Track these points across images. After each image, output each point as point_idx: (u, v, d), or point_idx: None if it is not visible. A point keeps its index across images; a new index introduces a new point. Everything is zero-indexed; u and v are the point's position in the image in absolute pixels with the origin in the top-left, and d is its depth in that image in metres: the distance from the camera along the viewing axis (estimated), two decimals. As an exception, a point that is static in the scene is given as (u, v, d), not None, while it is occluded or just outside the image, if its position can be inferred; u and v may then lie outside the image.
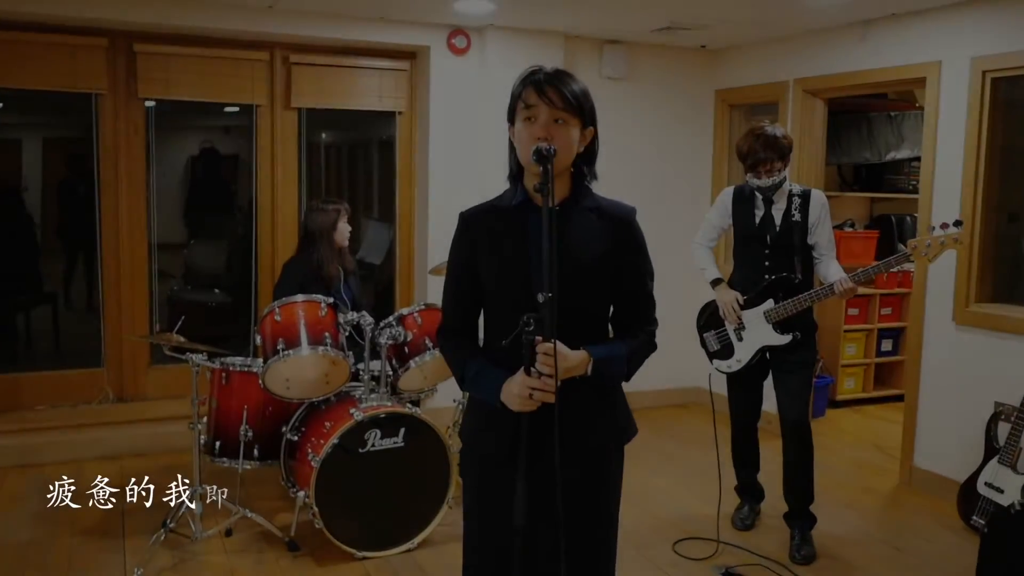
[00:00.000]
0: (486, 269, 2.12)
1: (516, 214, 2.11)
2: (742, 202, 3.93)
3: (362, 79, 5.62)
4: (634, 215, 2.18)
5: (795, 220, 3.80)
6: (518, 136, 2.07)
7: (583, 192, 2.15)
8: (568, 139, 2.04)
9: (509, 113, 2.13)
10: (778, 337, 3.83)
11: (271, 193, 5.55)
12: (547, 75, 2.06)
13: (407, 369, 3.98)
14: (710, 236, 4.10)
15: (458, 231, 2.18)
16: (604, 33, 5.69)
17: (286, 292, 4.29)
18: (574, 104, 2.04)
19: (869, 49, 4.97)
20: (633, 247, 2.15)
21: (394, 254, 5.96)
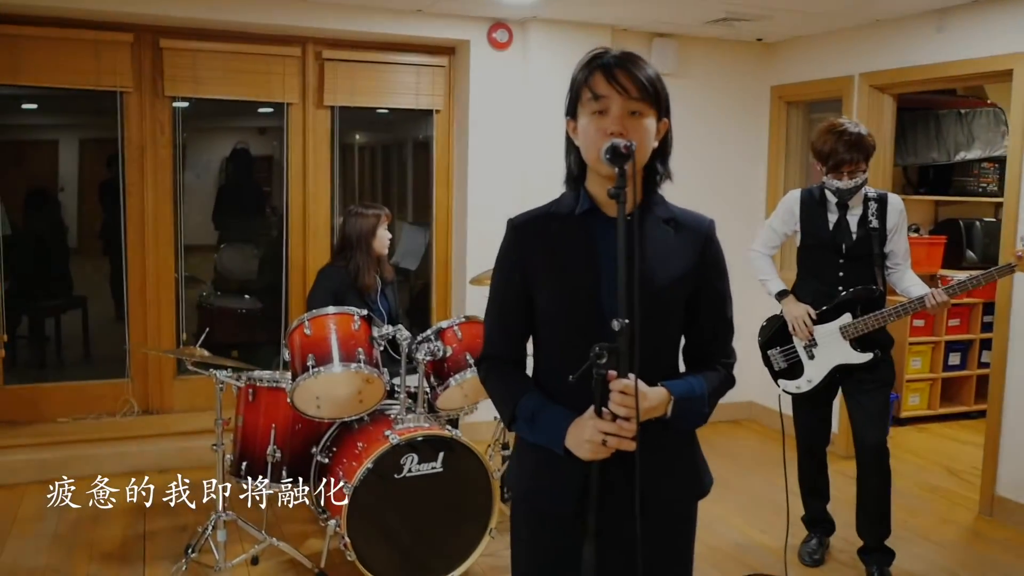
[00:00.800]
0: (544, 289, 1.80)
1: (580, 224, 1.80)
2: (812, 207, 3.58)
3: (398, 76, 5.34)
4: (715, 229, 1.85)
5: (872, 227, 3.47)
6: (583, 132, 1.75)
7: (656, 198, 1.83)
8: (645, 134, 1.73)
9: (569, 106, 1.82)
10: (857, 355, 3.49)
11: (303, 195, 5.29)
12: (617, 59, 1.74)
13: (447, 387, 3.68)
14: (771, 244, 3.75)
15: (506, 242, 1.87)
16: (654, 26, 5.36)
17: (319, 302, 4.04)
18: (651, 92, 1.72)
19: (946, 40, 4.58)
20: (714, 267, 1.84)
21: (430, 260, 5.67)
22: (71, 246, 5.52)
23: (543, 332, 1.85)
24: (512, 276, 1.84)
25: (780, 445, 3.82)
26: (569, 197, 1.85)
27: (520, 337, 1.89)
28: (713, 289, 1.84)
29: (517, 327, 1.87)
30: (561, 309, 1.78)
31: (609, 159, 1.64)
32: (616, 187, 1.61)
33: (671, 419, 1.74)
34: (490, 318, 1.91)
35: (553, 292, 1.79)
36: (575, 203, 1.82)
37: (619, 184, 1.61)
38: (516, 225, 1.86)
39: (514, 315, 1.86)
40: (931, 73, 4.69)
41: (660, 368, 1.78)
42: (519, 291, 1.83)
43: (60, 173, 5.44)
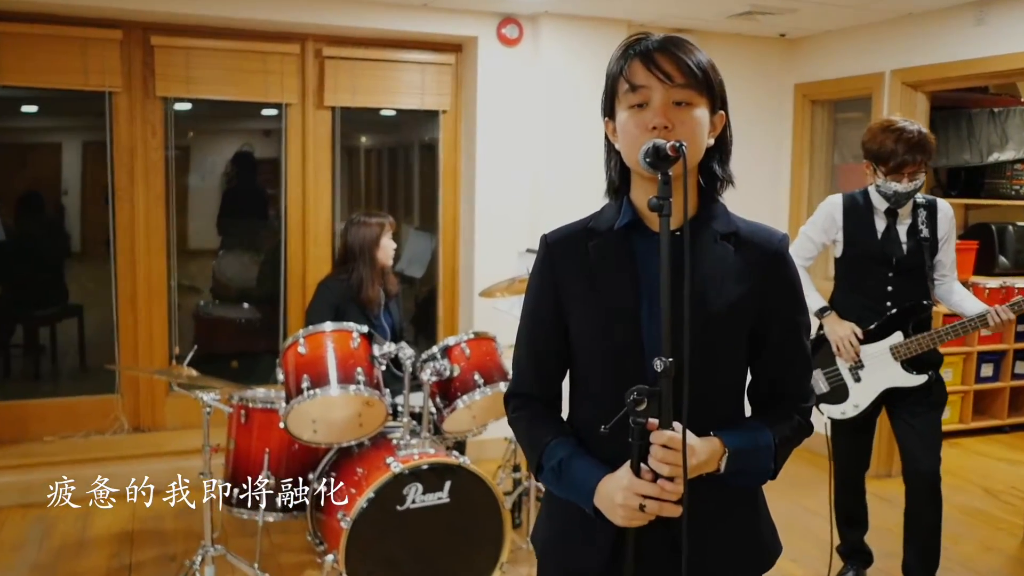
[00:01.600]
0: (579, 318, 1.54)
1: (621, 240, 1.53)
2: (857, 214, 3.26)
3: (402, 74, 5.07)
4: (788, 245, 1.57)
5: (923, 236, 3.17)
6: (623, 130, 1.48)
7: (715, 208, 1.55)
8: (696, 127, 1.45)
9: (605, 103, 1.55)
10: (910, 377, 3.20)
11: (302, 200, 5.02)
12: (658, 43, 1.47)
13: (454, 409, 3.40)
14: (808, 254, 3.43)
15: (538, 261, 1.61)
16: (672, 21, 5.08)
17: (319, 315, 3.78)
18: (700, 78, 1.45)
19: (987, 33, 4.29)
20: (786, 290, 1.56)
21: (436, 269, 5.40)
22: (69, 252, 5.26)
23: (577, 367, 1.59)
24: (544, 301, 1.58)
25: (812, 466, 3.55)
26: (610, 209, 1.59)
27: (554, 372, 1.63)
28: (783, 317, 1.56)
29: (550, 360, 1.61)
30: (595, 340, 1.52)
31: (650, 162, 1.37)
32: (659, 196, 1.34)
33: (726, 475, 1.46)
34: (520, 349, 1.65)
35: (587, 320, 1.52)
36: (616, 217, 1.55)
37: (662, 193, 1.34)
38: (550, 242, 1.60)
39: (547, 346, 1.60)
40: (970, 69, 4.40)
41: (716, 414, 1.50)
42: (553, 318, 1.58)
43: (58, 177, 5.18)
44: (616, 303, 1.49)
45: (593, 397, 1.55)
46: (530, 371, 1.63)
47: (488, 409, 3.52)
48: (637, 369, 1.45)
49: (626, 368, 1.46)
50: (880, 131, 3.11)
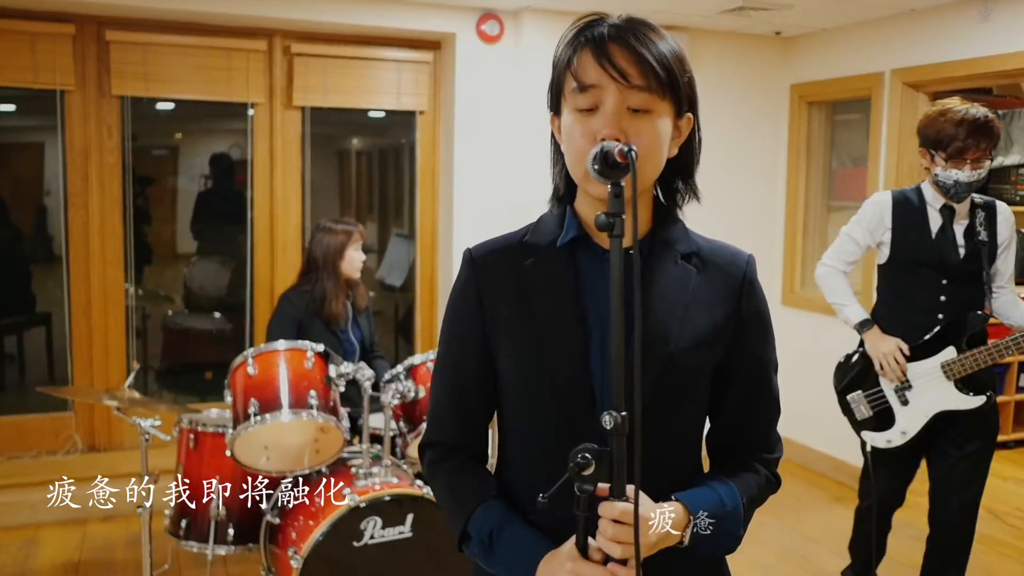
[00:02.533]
0: (511, 353, 1.28)
1: (563, 260, 1.27)
2: (908, 213, 2.91)
3: (377, 73, 4.81)
4: (755, 268, 1.32)
5: (981, 239, 2.83)
6: (568, 135, 1.24)
7: (673, 226, 1.30)
8: (655, 139, 1.20)
9: (551, 97, 1.30)
10: (965, 399, 2.85)
11: (269, 206, 4.75)
12: (615, 29, 1.21)
13: (419, 435, 3.13)
14: (849, 258, 3.07)
15: (461, 281, 1.35)
16: (661, 17, 4.80)
17: (280, 330, 3.55)
18: (662, 77, 1.19)
19: (993, 30, 4.04)
20: (755, 322, 1.31)
21: (414, 279, 5.13)
22: (38, 258, 4.99)
23: (507, 412, 1.32)
24: (468, 330, 1.32)
25: (808, 484, 3.26)
26: (551, 221, 1.33)
27: (479, 417, 1.37)
28: (752, 355, 1.31)
29: (475, 403, 1.35)
30: (532, 382, 1.26)
31: (598, 170, 1.11)
32: (609, 212, 1.08)
33: (689, 547, 1.21)
34: (437, 389, 1.39)
35: (522, 356, 1.26)
36: (558, 230, 1.29)
37: (612, 208, 1.08)
38: (475, 257, 1.33)
39: (471, 386, 1.34)
40: (975, 68, 4.14)
41: (674, 470, 1.26)
42: (478, 352, 1.31)
43: (31, 178, 4.91)
44: (559, 336, 1.24)
45: (528, 451, 1.29)
46: (450, 415, 1.36)
47: (457, 433, 3.25)
48: (584, 418, 1.20)
49: (570, 417, 1.21)
50: (938, 115, 2.80)
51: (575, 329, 1.23)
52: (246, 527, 3.19)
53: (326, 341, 3.59)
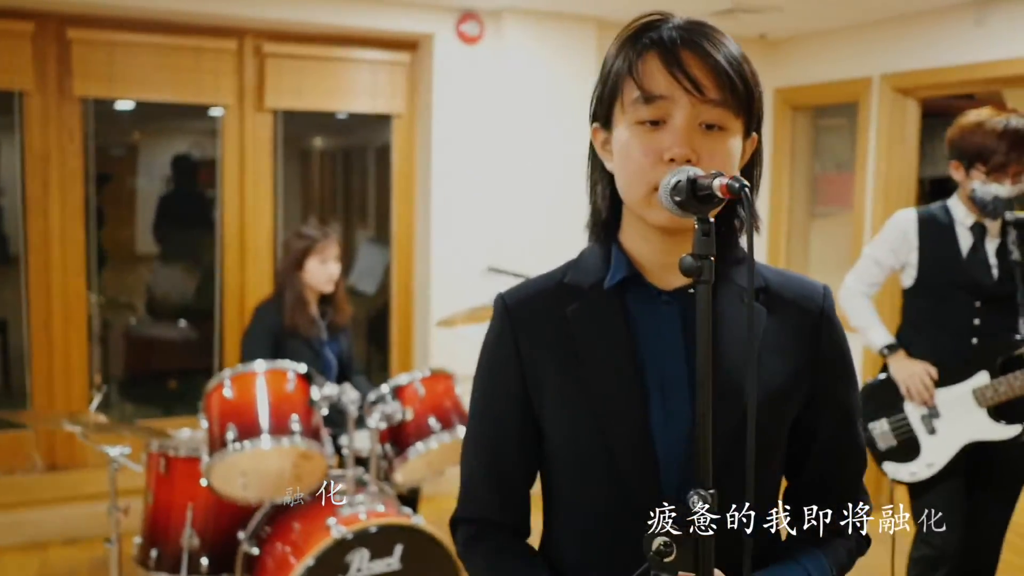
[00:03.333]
0: (556, 415, 1.13)
1: (611, 305, 1.12)
2: (936, 231, 2.74)
3: (352, 74, 4.62)
4: (832, 300, 1.18)
5: (1015, 259, 2.65)
6: (625, 154, 1.08)
7: (736, 259, 1.15)
8: (728, 160, 1.07)
9: (598, 105, 1.14)
10: (999, 428, 2.66)
11: (239, 212, 4.54)
12: (684, 32, 1.06)
13: (406, 459, 2.97)
14: (873, 280, 2.88)
15: (494, 333, 1.19)
16: (646, 19, 4.69)
17: (256, 343, 3.39)
18: (741, 91, 1.05)
19: (986, 36, 3.96)
20: (840, 367, 1.17)
21: (389, 287, 4.95)
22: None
23: (554, 483, 1.17)
24: (505, 390, 1.16)
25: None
26: (593, 257, 1.17)
27: (521, 490, 1.21)
28: (836, 402, 1.17)
29: (515, 472, 1.19)
30: (583, 450, 1.10)
31: (680, 202, 0.96)
32: (696, 254, 0.93)
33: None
34: (471, 457, 1.22)
35: (570, 422, 1.11)
36: (604, 268, 1.14)
37: (700, 249, 0.94)
38: (510, 305, 1.17)
39: (510, 453, 1.18)
40: (968, 74, 4.07)
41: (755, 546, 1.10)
42: (518, 415, 1.16)
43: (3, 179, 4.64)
44: (614, 396, 1.09)
45: (581, 527, 1.14)
46: (488, 487, 1.21)
47: (446, 456, 3.10)
48: (647, 489, 1.05)
49: (630, 488, 1.06)
50: (975, 126, 2.63)
51: (632, 387, 1.09)
52: (221, 557, 3.00)
53: (305, 356, 3.42)
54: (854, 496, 1.20)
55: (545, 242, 4.55)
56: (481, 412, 1.21)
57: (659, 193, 1.01)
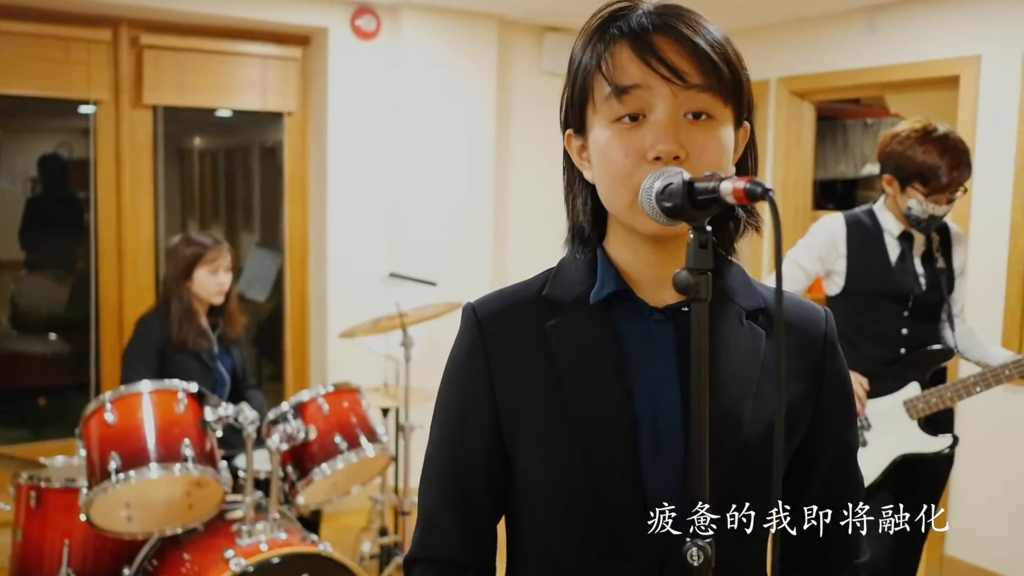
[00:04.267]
0: (532, 446, 1.00)
1: (597, 321, 1.00)
2: (864, 239, 2.65)
3: (240, 69, 4.35)
4: (834, 325, 1.08)
5: (940, 267, 2.63)
6: (602, 156, 0.96)
7: (730, 272, 1.04)
8: (720, 152, 0.95)
9: (571, 112, 1.01)
10: (929, 440, 2.61)
11: (116, 214, 4.21)
12: (654, 16, 0.95)
13: (310, 482, 2.77)
14: (798, 288, 2.73)
15: (462, 348, 1.05)
16: (547, 18, 4.61)
17: (140, 359, 3.14)
18: (725, 74, 0.94)
19: (878, 42, 4.04)
20: (843, 399, 1.07)
21: (283, 297, 4.69)
22: None
23: (526, 521, 1.03)
24: (474, 416, 1.03)
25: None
26: (576, 268, 1.04)
27: (487, 525, 1.07)
28: (836, 437, 1.08)
29: (482, 508, 1.05)
30: (562, 485, 0.98)
31: (671, 208, 0.84)
32: (693, 268, 0.81)
33: None
34: (431, 487, 1.07)
35: (549, 454, 0.98)
36: (588, 280, 1.01)
37: (696, 262, 0.82)
38: (481, 318, 1.03)
39: (477, 486, 1.05)
40: (862, 79, 4.15)
41: None
42: (487, 444, 1.02)
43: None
44: (599, 425, 0.96)
45: (555, 569, 1.00)
46: (451, 524, 1.06)
47: (353, 476, 2.91)
48: (633, 528, 0.93)
49: (615, 528, 0.94)
50: (917, 139, 2.51)
51: (620, 415, 0.97)
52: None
53: (195, 372, 3.18)
54: (853, 541, 1.09)
55: (449, 246, 4.42)
56: (445, 439, 1.07)
57: (640, 198, 0.88)
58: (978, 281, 3.16)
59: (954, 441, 2.64)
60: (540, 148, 4.68)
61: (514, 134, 4.71)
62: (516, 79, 4.71)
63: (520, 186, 4.71)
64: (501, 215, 4.67)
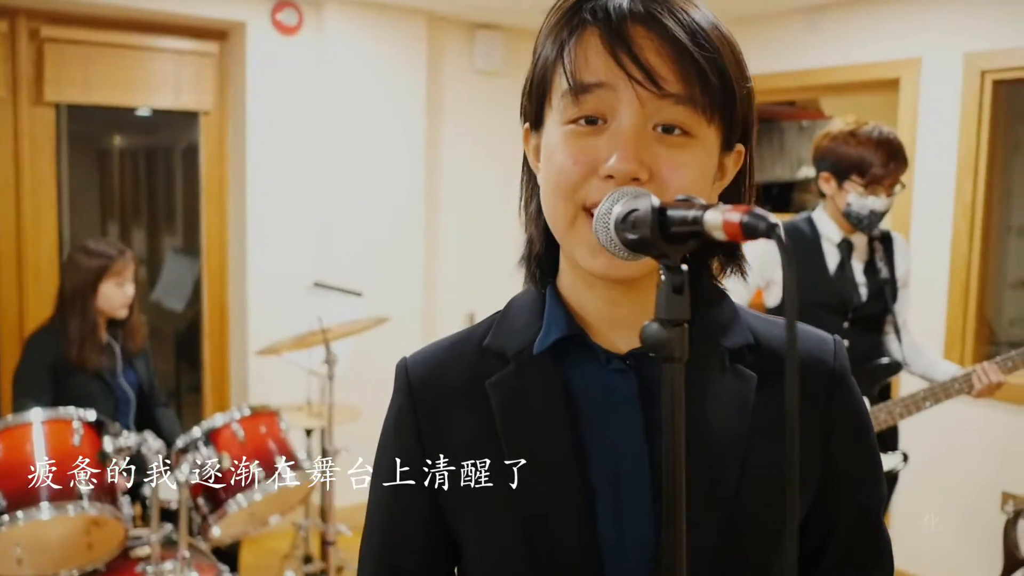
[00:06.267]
0: (474, 529, 0.84)
1: (544, 375, 0.83)
2: (803, 248, 2.54)
3: (151, 65, 4.08)
4: (844, 357, 0.92)
5: (883, 277, 2.54)
6: (549, 162, 0.80)
7: (715, 308, 0.88)
8: (693, 179, 0.78)
9: (531, 105, 0.85)
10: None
11: (15, 220, 3.89)
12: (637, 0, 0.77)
13: (224, 514, 2.54)
14: (738, 300, 2.61)
15: (393, 414, 0.89)
16: (480, 15, 4.43)
17: (32, 384, 2.89)
18: (714, 84, 0.77)
19: (819, 43, 3.97)
20: (856, 443, 0.90)
21: (201, 304, 4.43)
22: None
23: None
24: (408, 493, 0.86)
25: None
26: (524, 311, 0.87)
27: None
28: (855, 497, 0.91)
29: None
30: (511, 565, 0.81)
31: (634, 241, 0.68)
32: (664, 319, 0.65)
33: None
34: (369, 565, 0.90)
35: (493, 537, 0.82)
36: (535, 325, 0.85)
37: (668, 311, 0.66)
38: (413, 379, 0.87)
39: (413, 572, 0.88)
40: (802, 80, 4.08)
41: None
42: (425, 524, 0.86)
43: None
44: (550, 501, 0.80)
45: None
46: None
47: (271, 506, 2.69)
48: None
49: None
50: (848, 135, 2.46)
51: (575, 488, 0.80)
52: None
53: (94, 393, 2.93)
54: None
55: (378, 253, 4.21)
56: (378, 524, 0.90)
57: (594, 225, 0.71)
58: (919, 288, 3.10)
59: (905, 459, 2.54)
60: (473, 149, 4.50)
61: (446, 135, 4.52)
62: (447, 78, 4.52)
63: (453, 189, 4.52)
64: (432, 219, 4.47)
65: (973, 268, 3.45)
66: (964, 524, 3.54)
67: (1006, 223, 3.66)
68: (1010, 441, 3.40)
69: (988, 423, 3.43)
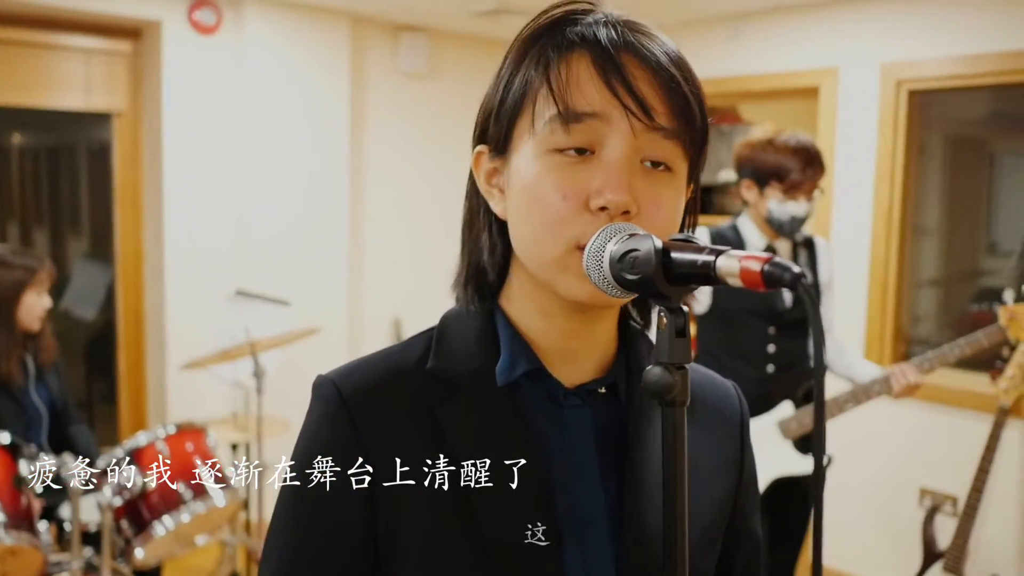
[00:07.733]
0: (424, 558, 0.78)
1: (502, 408, 0.79)
2: None
3: (59, 64, 3.90)
4: (746, 405, 0.95)
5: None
6: (531, 190, 0.76)
7: (642, 343, 0.86)
8: (673, 213, 0.78)
9: (495, 126, 0.80)
10: (803, 461, 2.54)
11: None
12: (622, 29, 0.77)
13: (149, 538, 2.43)
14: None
15: (321, 434, 0.81)
16: (403, 16, 4.37)
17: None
18: (696, 120, 0.77)
19: (741, 50, 4.04)
20: (752, 483, 0.94)
21: (114, 313, 4.25)
22: None
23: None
24: (338, 529, 0.79)
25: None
26: (467, 333, 0.83)
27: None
28: (751, 530, 0.93)
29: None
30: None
31: (630, 282, 0.69)
32: (667, 362, 0.63)
33: None
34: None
35: (453, 566, 0.77)
36: (486, 350, 0.81)
37: (673, 354, 0.66)
38: (348, 396, 0.80)
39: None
40: (724, 87, 4.15)
41: None
42: (356, 568, 0.79)
43: None
44: (512, 548, 0.76)
45: None
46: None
47: (199, 526, 2.59)
48: None
49: None
50: (766, 143, 2.51)
51: (540, 529, 0.76)
52: None
53: (6, 410, 2.78)
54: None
55: (301, 259, 4.11)
56: (295, 564, 0.82)
57: (585, 261, 0.69)
58: (841, 290, 3.19)
59: (830, 462, 2.60)
60: (398, 152, 4.43)
61: (370, 138, 4.44)
62: (371, 80, 4.44)
63: (377, 193, 4.45)
64: (357, 225, 4.39)
65: (891, 269, 3.56)
66: (884, 520, 3.66)
67: (920, 225, 3.79)
68: (927, 438, 3.53)
69: (906, 421, 3.55)
